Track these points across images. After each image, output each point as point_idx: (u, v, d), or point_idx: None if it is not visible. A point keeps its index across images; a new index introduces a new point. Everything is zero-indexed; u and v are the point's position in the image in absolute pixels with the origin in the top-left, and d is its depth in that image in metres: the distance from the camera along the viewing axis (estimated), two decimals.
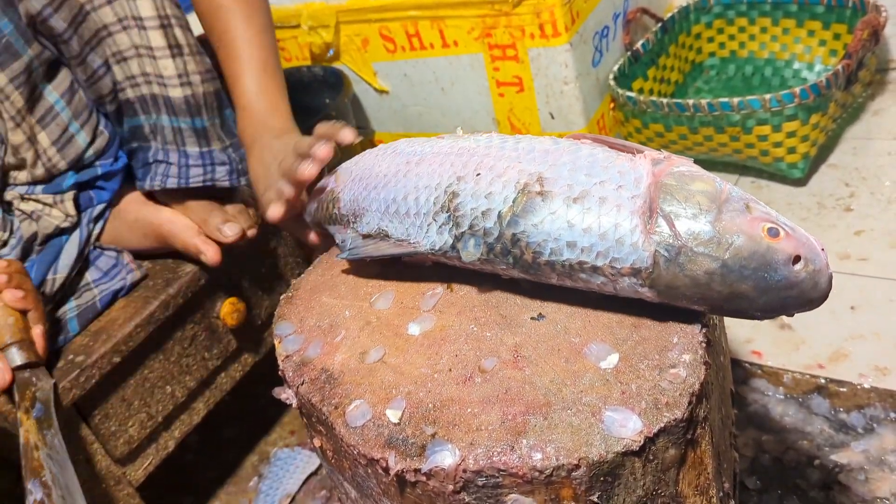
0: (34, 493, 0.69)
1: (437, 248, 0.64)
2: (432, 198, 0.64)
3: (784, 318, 1.16)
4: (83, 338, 0.90)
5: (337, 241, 0.76)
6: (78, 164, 0.92)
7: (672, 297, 0.56)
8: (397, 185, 0.67)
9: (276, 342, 0.69)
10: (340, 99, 1.53)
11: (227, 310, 1.01)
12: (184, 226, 0.92)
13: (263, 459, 1.23)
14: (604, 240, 0.56)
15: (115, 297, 0.94)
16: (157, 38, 0.87)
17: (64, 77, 0.90)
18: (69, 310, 0.90)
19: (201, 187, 0.93)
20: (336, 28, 1.61)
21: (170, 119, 0.91)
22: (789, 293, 0.54)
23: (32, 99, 0.87)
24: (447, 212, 0.63)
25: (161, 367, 0.95)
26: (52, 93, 0.89)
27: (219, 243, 0.91)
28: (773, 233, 0.54)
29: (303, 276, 0.77)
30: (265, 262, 1.08)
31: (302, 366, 0.65)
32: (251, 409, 1.31)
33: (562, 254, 0.58)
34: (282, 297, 0.75)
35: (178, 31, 0.89)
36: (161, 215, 0.94)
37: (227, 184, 0.94)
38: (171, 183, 0.92)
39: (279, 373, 0.67)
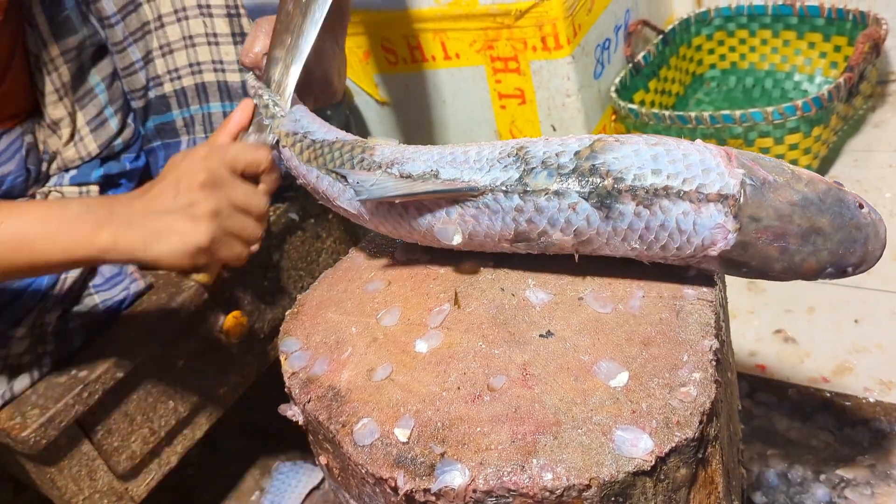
0: None
1: (498, 183, 0.61)
2: (497, 150, 0.63)
3: (787, 332, 1.17)
4: (86, 352, 0.89)
5: (350, 182, 0.68)
6: (107, 152, 0.94)
7: (751, 234, 0.57)
8: (451, 148, 0.65)
9: (282, 358, 0.69)
10: (341, 110, 1.53)
11: (230, 323, 1.00)
12: None
13: (265, 474, 1.22)
14: (690, 168, 0.57)
15: (119, 308, 0.93)
16: (222, 26, 0.93)
17: (108, 63, 0.93)
18: (72, 317, 0.89)
19: None
20: None
21: (222, 104, 0.94)
22: (859, 234, 0.58)
23: (78, 77, 0.90)
24: (514, 156, 0.62)
25: (164, 381, 0.95)
26: (95, 76, 0.92)
27: None
28: (840, 184, 0.59)
29: (308, 291, 0.77)
30: (267, 276, 1.07)
31: (308, 383, 0.65)
32: (253, 424, 1.30)
33: (646, 179, 0.57)
34: (287, 312, 0.74)
35: (244, 21, 0.94)
36: None
37: None
38: None
39: (285, 390, 0.67)
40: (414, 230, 0.68)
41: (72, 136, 0.90)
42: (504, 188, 0.61)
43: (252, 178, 0.74)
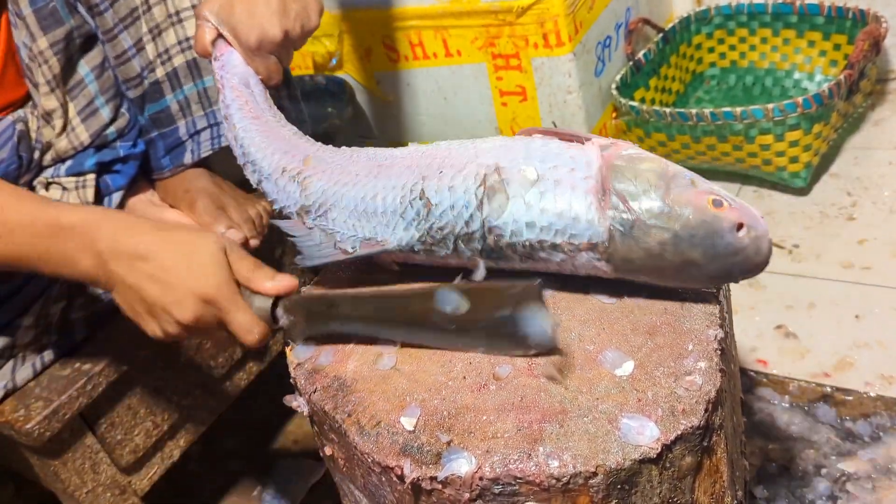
0: None
1: (403, 244, 0.66)
2: (398, 197, 0.66)
3: (789, 327, 1.17)
4: (90, 345, 0.89)
5: (294, 239, 0.73)
6: (100, 141, 0.93)
7: (628, 271, 0.60)
8: (367, 185, 0.68)
9: (287, 350, 0.69)
10: (343, 108, 1.53)
11: None
12: None
13: (267, 469, 1.22)
14: (561, 218, 0.59)
15: None
16: None
17: (97, 53, 0.92)
18: (76, 308, 0.90)
19: (213, 192, 0.93)
20: (339, 37, 1.61)
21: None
22: (735, 258, 0.58)
23: (67, 68, 0.89)
24: (413, 209, 0.65)
25: (167, 375, 0.95)
26: (84, 66, 0.91)
27: None
28: (718, 203, 0.58)
29: (312, 284, 0.77)
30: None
31: (314, 374, 0.65)
32: (255, 419, 1.30)
33: (521, 234, 0.60)
34: None
35: None
36: (165, 216, 0.94)
37: None
38: (226, 141, 0.91)
39: (290, 381, 0.67)
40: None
41: (64, 127, 0.90)
42: (409, 248, 0.66)
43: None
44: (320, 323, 0.66)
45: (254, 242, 0.94)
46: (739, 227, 0.57)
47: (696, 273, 0.59)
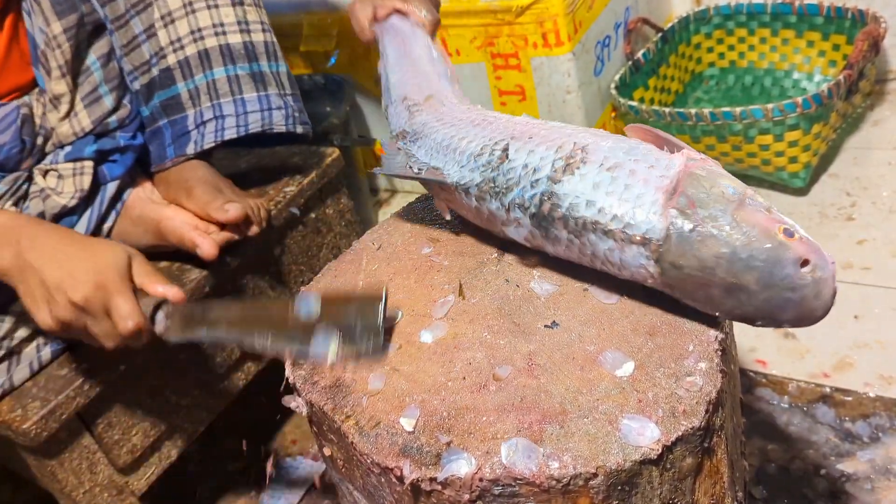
0: None
1: (463, 182, 0.68)
2: (482, 144, 0.68)
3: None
4: (87, 345, 0.88)
5: (383, 156, 0.80)
6: (101, 128, 0.94)
7: (673, 279, 0.56)
8: (462, 128, 0.72)
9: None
10: (342, 108, 1.53)
11: None
12: (182, 221, 0.92)
13: (264, 470, 1.22)
14: (622, 204, 0.57)
15: None
16: None
17: (105, 42, 0.94)
18: None
19: (207, 182, 0.94)
20: (337, 37, 1.61)
21: (226, 69, 0.95)
22: (791, 295, 0.53)
23: (76, 54, 0.91)
24: (489, 156, 0.66)
25: (165, 375, 0.95)
26: (91, 55, 0.93)
27: (227, 246, 0.91)
28: (789, 233, 0.54)
29: (311, 283, 0.77)
30: (269, 270, 1.07)
31: (313, 374, 0.64)
32: (252, 419, 1.30)
33: (579, 210, 0.59)
34: None
35: None
36: (162, 211, 0.94)
37: (283, 128, 0.97)
38: (230, 134, 0.95)
39: (289, 381, 0.67)
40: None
41: (69, 112, 0.91)
42: (466, 188, 0.68)
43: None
44: (194, 326, 0.70)
45: (254, 230, 0.94)
46: (804, 263, 0.53)
47: (745, 301, 0.54)
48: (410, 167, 0.74)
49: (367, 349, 0.63)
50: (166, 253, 0.97)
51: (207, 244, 0.89)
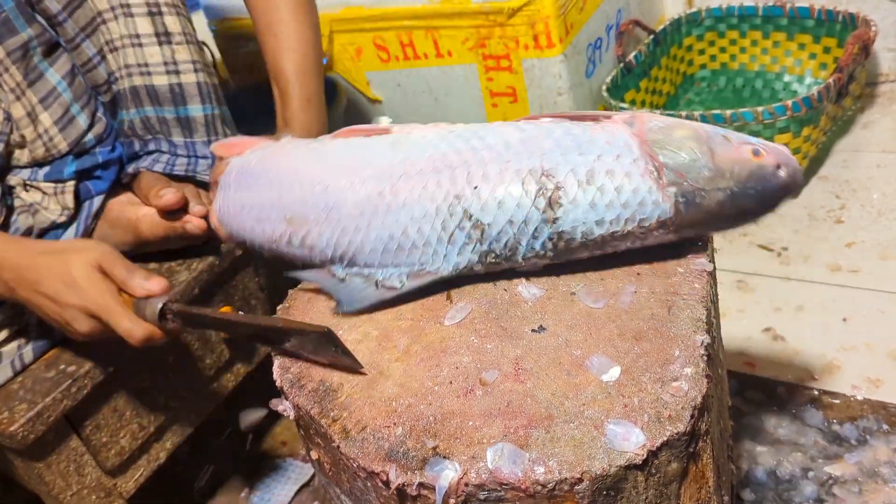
0: None
1: (461, 267, 0.66)
2: (437, 224, 0.64)
3: (776, 330, 1.18)
4: (74, 346, 0.88)
5: (327, 290, 0.70)
6: (78, 149, 0.92)
7: (688, 232, 0.65)
8: (384, 222, 0.65)
9: (273, 353, 0.68)
10: (334, 108, 1.52)
11: None
12: (158, 215, 0.92)
13: (254, 471, 1.22)
14: (627, 207, 0.62)
15: None
16: (143, 26, 0.89)
17: (65, 60, 0.90)
18: None
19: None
20: (330, 37, 1.60)
21: (154, 109, 0.92)
22: (779, 192, 0.65)
23: (32, 77, 0.88)
24: (463, 232, 0.64)
25: (154, 376, 0.94)
26: (55, 75, 0.89)
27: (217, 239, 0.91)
28: (756, 153, 0.64)
29: (299, 286, 0.77)
30: (259, 272, 1.07)
31: (300, 377, 0.64)
32: (242, 421, 1.30)
33: (593, 233, 0.63)
34: (279, 307, 0.74)
35: (168, 19, 0.90)
36: (138, 210, 0.94)
37: (206, 178, 0.94)
38: (159, 168, 0.94)
39: (276, 385, 0.66)
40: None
41: (37, 136, 0.88)
42: (468, 268, 0.66)
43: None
44: (196, 325, 0.80)
45: (199, 209, 0.93)
46: (778, 166, 0.63)
47: (750, 216, 0.65)
48: (385, 286, 0.66)
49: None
50: (152, 255, 0.97)
51: (196, 220, 0.90)
